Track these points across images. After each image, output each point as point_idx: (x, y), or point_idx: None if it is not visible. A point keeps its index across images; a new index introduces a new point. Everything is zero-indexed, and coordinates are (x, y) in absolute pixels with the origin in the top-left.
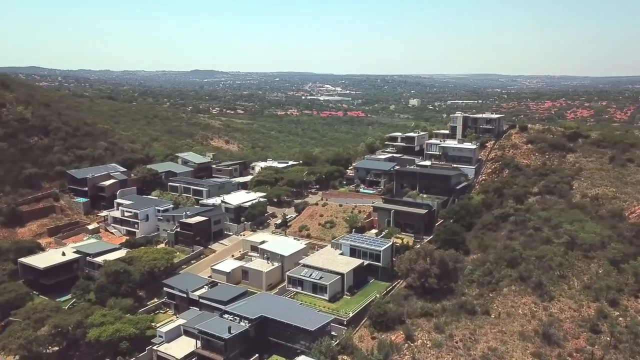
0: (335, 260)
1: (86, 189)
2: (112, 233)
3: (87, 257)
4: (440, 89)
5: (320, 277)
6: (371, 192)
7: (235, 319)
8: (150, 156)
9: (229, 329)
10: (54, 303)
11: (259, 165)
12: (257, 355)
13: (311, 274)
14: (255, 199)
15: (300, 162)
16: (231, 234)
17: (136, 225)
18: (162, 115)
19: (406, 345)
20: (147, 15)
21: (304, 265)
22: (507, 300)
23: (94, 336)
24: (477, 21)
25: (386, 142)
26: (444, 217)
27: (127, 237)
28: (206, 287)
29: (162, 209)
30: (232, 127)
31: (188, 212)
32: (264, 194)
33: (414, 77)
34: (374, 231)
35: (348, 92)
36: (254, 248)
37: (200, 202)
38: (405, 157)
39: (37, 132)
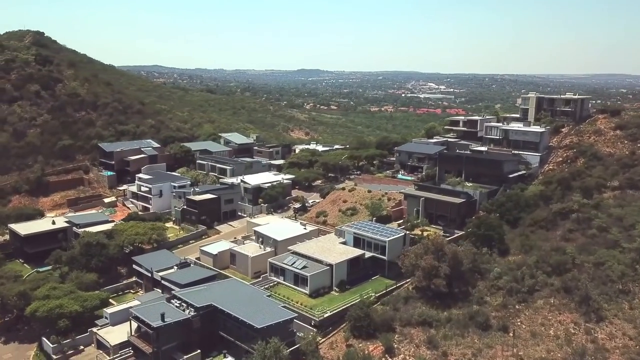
0: (331, 249)
1: (113, 162)
2: (128, 208)
3: (74, 228)
4: (555, 88)
5: (304, 267)
6: (409, 178)
7: (182, 305)
8: (196, 135)
9: (162, 316)
10: (14, 271)
11: (299, 148)
12: (199, 351)
13: (294, 262)
14: (277, 181)
15: (347, 146)
16: (245, 215)
17: (150, 201)
18: (250, 107)
19: (383, 359)
20: (258, 17)
21: (292, 252)
22: (538, 316)
23: (31, 310)
24: (601, 17)
25: (446, 127)
26: (487, 210)
27: (136, 212)
28: (175, 267)
29: (177, 185)
30: (318, 120)
31: (197, 189)
32: (292, 176)
33: (527, 77)
34: (399, 221)
35: (452, 90)
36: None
37: (221, 180)
38: (462, 142)
39: (86, 107)
